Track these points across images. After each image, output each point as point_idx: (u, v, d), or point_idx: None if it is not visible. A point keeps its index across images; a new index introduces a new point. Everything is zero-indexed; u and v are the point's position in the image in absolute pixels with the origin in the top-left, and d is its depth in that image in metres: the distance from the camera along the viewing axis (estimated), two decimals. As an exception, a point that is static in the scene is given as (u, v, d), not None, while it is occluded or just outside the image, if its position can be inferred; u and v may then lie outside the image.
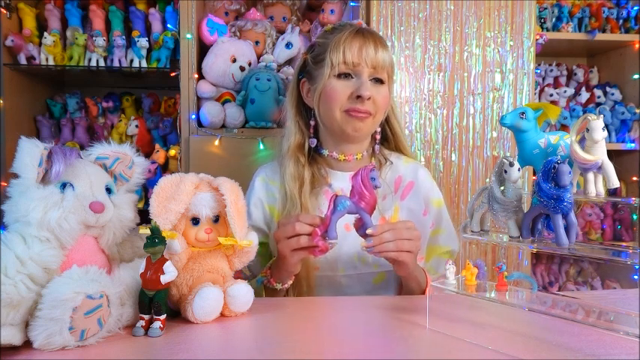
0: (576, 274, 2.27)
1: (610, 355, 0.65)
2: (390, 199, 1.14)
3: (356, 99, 1.04)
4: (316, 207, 1.09)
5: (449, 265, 0.78)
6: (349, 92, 1.05)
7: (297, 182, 1.09)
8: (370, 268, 1.09)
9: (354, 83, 1.05)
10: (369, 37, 1.06)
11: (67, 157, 0.73)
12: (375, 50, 1.04)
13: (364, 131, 1.09)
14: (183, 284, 0.80)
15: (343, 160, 1.13)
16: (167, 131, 2.05)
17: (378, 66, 1.05)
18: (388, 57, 1.07)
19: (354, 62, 1.04)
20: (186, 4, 1.72)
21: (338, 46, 1.04)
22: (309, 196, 1.09)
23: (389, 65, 1.07)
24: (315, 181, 1.11)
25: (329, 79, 1.06)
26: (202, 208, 0.82)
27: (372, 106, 1.06)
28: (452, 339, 0.72)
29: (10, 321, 0.64)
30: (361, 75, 1.05)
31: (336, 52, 1.04)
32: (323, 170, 1.14)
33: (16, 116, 1.93)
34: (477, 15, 1.80)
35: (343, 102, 1.05)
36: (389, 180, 1.15)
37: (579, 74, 2.29)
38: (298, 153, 1.12)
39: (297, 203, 1.07)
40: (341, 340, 0.73)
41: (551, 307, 0.72)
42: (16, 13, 1.96)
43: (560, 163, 0.68)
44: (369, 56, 1.04)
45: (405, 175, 1.17)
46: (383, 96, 1.07)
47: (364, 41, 1.05)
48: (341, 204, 0.86)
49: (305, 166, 1.11)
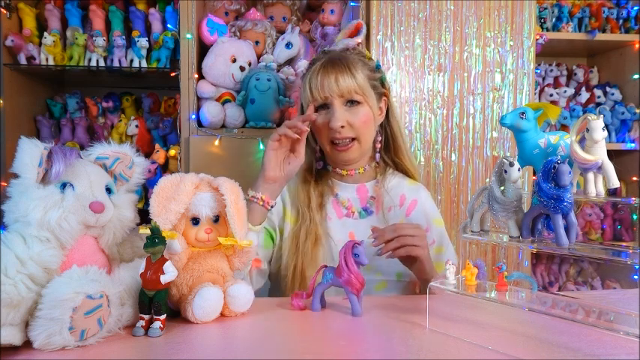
0: (576, 274, 2.27)
1: (610, 355, 0.65)
2: (395, 212, 1.18)
3: (332, 129, 1.10)
4: (324, 218, 1.16)
5: (449, 265, 0.78)
6: (327, 122, 1.11)
7: (305, 198, 1.16)
8: (373, 275, 1.11)
9: (329, 114, 1.11)
10: (331, 68, 1.10)
11: (67, 157, 0.73)
12: (336, 81, 1.09)
13: (354, 158, 1.17)
14: (183, 284, 0.80)
15: (346, 174, 1.20)
16: (167, 131, 2.04)
17: (343, 93, 1.10)
18: (353, 81, 1.10)
19: (322, 97, 1.10)
20: (186, 4, 1.72)
21: (305, 85, 1.13)
22: (319, 210, 1.15)
23: (357, 87, 1.10)
24: (323, 195, 1.18)
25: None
26: (202, 208, 0.82)
27: (350, 131, 1.11)
28: (452, 339, 0.72)
29: (10, 321, 0.64)
30: (332, 105, 1.10)
31: (305, 91, 1.13)
32: (330, 181, 1.21)
33: (16, 116, 1.93)
34: (477, 15, 1.80)
35: (326, 132, 1.12)
36: (394, 194, 1.19)
37: (579, 74, 2.29)
38: (306, 174, 1.20)
39: (307, 217, 1.14)
40: (341, 340, 0.73)
41: (551, 307, 0.72)
42: (16, 13, 1.96)
43: (560, 163, 0.68)
44: (331, 89, 1.09)
45: (409, 194, 1.21)
46: (360, 116, 1.11)
47: (325, 74, 1.10)
48: (325, 277, 0.86)
49: (311, 184, 1.18)
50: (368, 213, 1.18)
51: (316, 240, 1.11)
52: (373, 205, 1.19)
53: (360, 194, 1.20)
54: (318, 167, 1.22)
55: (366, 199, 1.19)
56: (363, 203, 1.19)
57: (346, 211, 1.17)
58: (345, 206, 1.18)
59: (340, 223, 1.16)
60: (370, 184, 1.21)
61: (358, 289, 0.83)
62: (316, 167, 1.22)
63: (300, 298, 0.86)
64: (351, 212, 1.17)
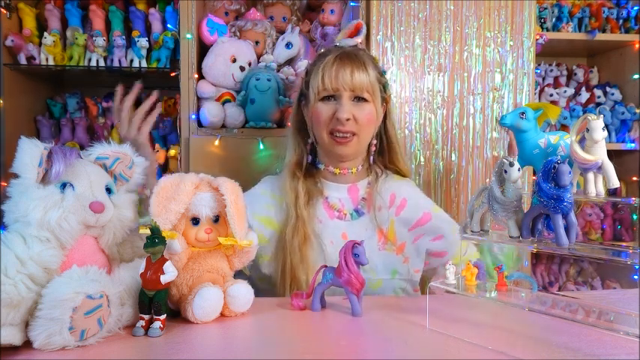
0: (576, 274, 2.27)
1: (610, 355, 0.65)
2: (386, 212, 1.18)
3: (337, 120, 1.11)
4: (313, 217, 1.15)
5: (449, 265, 0.78)
6: (331, 114, 1.12)
7: (292, 194, 1.16)
8: (369, 274, 1.11)
9: (335, 105, 1.11)
10: (347, 61, 1.11)
11: (67, 157, 0.73)
12: (352, 74, 1.10)
13: (351, 153, 1.16)
14: (183, 284, 0.80)
15: (339, 173, 1.19)
16: (167, 131, 2.04)
17: (355, 88, 1.11)
18: (367, 78, 1.11)
19: (333, 87, 1.11)
20: (186, 4, 1.72)
21: (317, 73, 1.12)
22: (306, 207, 1.15)
23: (369, 85, 1.12)
24: (311, 193, 1.18)
25: (315, 103, 1.14)
26: (202, 208, 0.82)
27: (353, 126, 1.12)
28: (452, 339, 0.72)
29: (10, 321, 0.64)
30: (341, 97, 1.11)
31: (317, 78, 1.12)
32: (319, 183, 1.21)
33: (16, 116, 1.93)
34: (477, 15, 1.80)
35: (327, 123, 1.13)
36: (384, 193, 1.19)
37: (579, 74, 2.28)
38: (295, 169, 1.19)
39: (293, 214, 1.14)
40: (341, 340, 0.73)
41: (551, 307, 0.72)
42: (16, 13, 1.96)
43: (560, 163, 0.68)
44: (345, 81, 1.10)
45: (398, 192, 1.21)
46: (366, 114, 1.13)
47: (341, 66, 1.10)
48: (325, 277, 0.86)
49: (300, 180, 1.18)
50: (359, 214, 1.18)
51: (305, 239, 1.11)
52: (365, 207, 1.19)
53: (351, 194, 1.20)
54: (307, 161, 1.21)
55: (358, 199, 1.19)
56: (354, 204, 1.19)
57: (338, 213, 1.17)
58: (337, 208, 1.17)
59: (332, 225, 1.16)
60: (362, 184, 1.21)
61: (358, 289, 0.83)
62: (306, 161, 1.21)
63: (300, 298, 0.87)
64: (342, 214, 1.17)
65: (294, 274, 1.08)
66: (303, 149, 1.21)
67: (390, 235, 1.16)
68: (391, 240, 1.16)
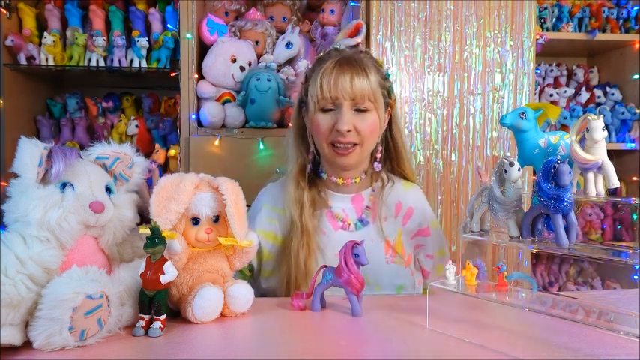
0: (576, 274, 2.26)
1: (610, 355, 0.65)
2: (392, 222, 1.14)
3: (337, 132, 1.05)
4: (318, 229, 1.11)
5: (449, 265, 0.78)
6: (331, 125, 1.06)
7: (297, 206, 1.11)
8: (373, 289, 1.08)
9: (336, 115, 1.06)
10: (347, 67, 1.05)
11: (67, 157, 0.73)
12: (351, 82, 1.03)
13: (353, 163, 1.11)
14: (183, 284, 0.80)
15: (342, 183, 1.14)
16: (167, 131, 2.05)
17: (356, 96, 1.04)
18: (368, 84, 1.04)
19: (332, 96, 1.04)
20: (186, 4, 1.72)
21: (316, 81, 1.05)
22: (312, 219, 1.10)
23: (370, 92, 1.05)
24: (316, 204, 1.13)
25: (314, 114, 1.07)
26: (202, 208, 0.82)
27: (355, 137, 1.06)
28: (452, 339, 0.72)
29: (10, 321, 0.64)
30: (341, 107, 1.05)
31: (315, 86, 1.05)
32: (323, 193, 1.16)
33: (16, 116, 1.93)
34: (477, 15, 1.80)
35: (327, 135, 1.07)
36: (389, 203, 1.15)
37: (579, 74, 2.28)
38: (299, 178, 1.14)
39: (298, 226, 1.09)
40: (341, 340, 0.73)
41: (551, 307, 0.72)
42: (16, 13, 1.96)
43: (560, 163, 0.68)
44: (344, 89, 1.03)
45: (405, 201, 1.17)
46: (368, 124, 1.06)
47: (341, 72, 1.04)
48: (325, 277, 0.85)
49: (305, 190, 1.13)
50: (364, 224, 1.13)
51: (310, 253, 1.07)
52: (369, 216, 1.14)
53: (355, 204, 1.16)
54: (309, 171, 1.16)
55: (362, 209, 1.15)
56: (358, 214, 1.15)
57: (342, 224, 1.13)
58: (341, 219, 1.13)
59: (336, 236, 1.11)
60: (366, 193, 1.17)
61: (358, 289, 0.83)
62: (308, 170, 1.15)
63: (300, 298, 0.87)
64: (347, 224, 1.13)
65: (297, 289, 1.04)
66: (305, 158, 1.16)
67: (397, 247, 1.13)
68: (400, 252, 1.12)
